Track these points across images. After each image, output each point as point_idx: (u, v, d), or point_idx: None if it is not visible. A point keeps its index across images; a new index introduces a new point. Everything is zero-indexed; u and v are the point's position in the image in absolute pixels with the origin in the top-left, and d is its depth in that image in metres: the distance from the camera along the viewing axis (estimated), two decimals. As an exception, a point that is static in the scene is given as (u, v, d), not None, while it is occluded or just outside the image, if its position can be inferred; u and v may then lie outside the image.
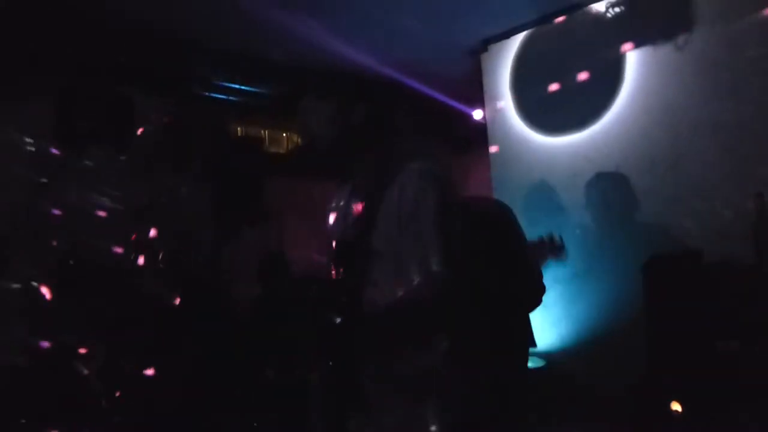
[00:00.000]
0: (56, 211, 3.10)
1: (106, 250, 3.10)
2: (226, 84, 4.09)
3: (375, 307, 1.62)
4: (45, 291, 3.02)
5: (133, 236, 3.08)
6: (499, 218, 2.55)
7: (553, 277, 2.67)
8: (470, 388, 1.68)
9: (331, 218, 1.90)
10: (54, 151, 2.95)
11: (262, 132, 4.62)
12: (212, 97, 4.06)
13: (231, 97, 4.15)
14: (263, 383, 2.91)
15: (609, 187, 3.35)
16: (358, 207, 1.76)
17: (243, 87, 4.12)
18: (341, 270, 1.73)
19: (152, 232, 3.11)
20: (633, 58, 3.37)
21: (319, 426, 1.78)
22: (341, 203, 1.87)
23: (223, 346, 2.89)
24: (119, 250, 3.12)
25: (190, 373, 2.85)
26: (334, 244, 1.81)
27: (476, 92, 4.29)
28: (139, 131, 3.29)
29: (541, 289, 2.54)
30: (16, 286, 3.00)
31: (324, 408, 1.74)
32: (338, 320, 1.63)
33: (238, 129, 4.47)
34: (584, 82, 3.53)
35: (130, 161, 3.21)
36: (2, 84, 3.33)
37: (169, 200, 3.22)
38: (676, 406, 2.69)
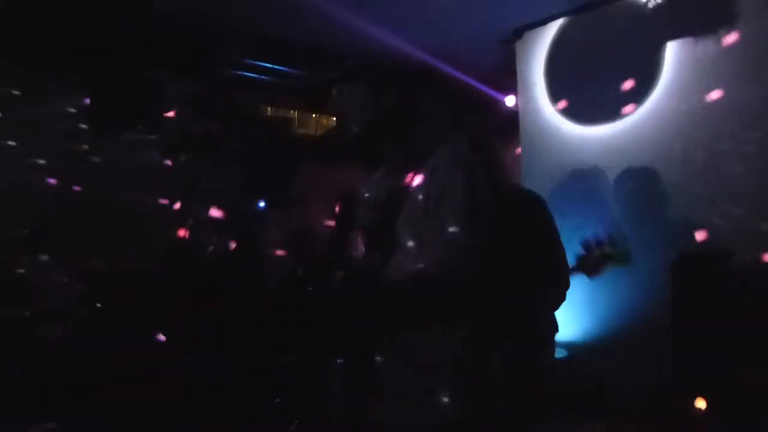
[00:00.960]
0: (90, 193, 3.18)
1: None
2: (257, 65, 4.12)
3: (399, 287, 1.64)
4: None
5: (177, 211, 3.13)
6: (532, 207, 2.55)
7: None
8: (488, 375, 1.71)
9: (362, 201, 1.93)
10: (88, 133, 3.01)
11: (293, 114, 4.64)
12: (243, 78, 4.08)
13: (262, 78, 4.17)
14: (285, 362, 2.95)
15: (640, 181, 3.31)
16: (389, 189, 1.79)
17: (275, 68, 4.15)
18: (370, 252, 1.76)
19: (190, 211, 3.17)
20: (671, 51, 3.30)
21: (338, 406, 1.81)
22: (373, 186, 1.89)
23: (252, 324, 2.94)
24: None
25: (219, 346, 2.92)
26: (363, 226, 1.84)
27: (509, 79, 4.25)
28: (170, 113, 3.34)
29: (567, 285, 2.54)
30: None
31: (343, 389, 1.78)
32: (362, 302, 1.66)
33: (269, 111, 4.50)
34: (620, 73, 3.47)
35: (161, 143, 3.27)
36: (35, 68, 3.41)
37: (202, 180, 3.26)
38: (700, 404, 2.68)
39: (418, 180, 1.70)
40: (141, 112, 3.02)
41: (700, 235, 2.95)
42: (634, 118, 3.42)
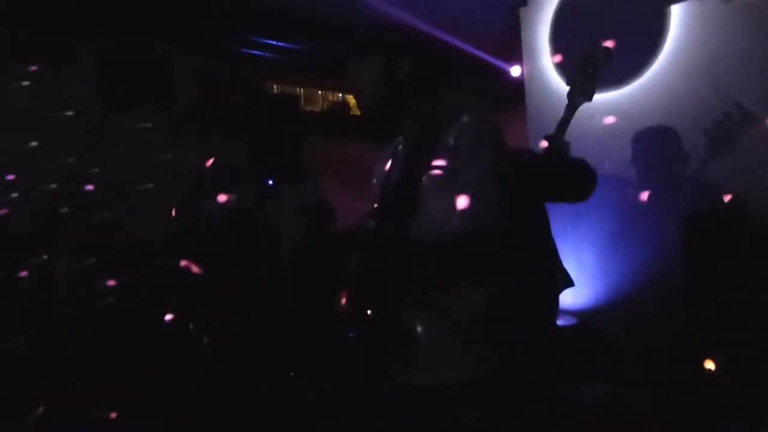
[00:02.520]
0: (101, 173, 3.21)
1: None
2: (265, 41, 4.10)
3: (424, 248, 1.66)
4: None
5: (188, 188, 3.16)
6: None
7: (589, 236, 2.65)
8: (516, 330, 1.73)
9: (380, 172, 1.94)
10: (100, 112, 3.03)
11: (300, 90, 4.64)
12: (251, 54, 4.07)
13: (270, 54, 4.16)
14: (308, 330, 2.99)
15: (649, 144, 3.28)
16: (409, 157, 1.80)
17: (282, 44, 4.13)
18: (389, 222, 1.78)
19: (201, 187, 3.19)
20: (678, 11, 3.26)
21: (360, 371, 1.85)
22: (390, 157, 1.91)
23: (270, 297, 2.97)
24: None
25: (238, 320, 2.95)
26: (381, 197, 1.85)
27: (515, 48, 4.21)
28: (179, 90, 3.34)
29: (591, 173, 2.46)
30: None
31: (368, 352, 1.80)
32: (383, 267, 1.68)
33: (277, 86, 4.49)
34: (626, 37, 3.43)
35: (171, 120, 3.28)
36: (45, 47, 3.42)
37: (212, 157, 3.28)
38: (709, 365, 2.69)
39: (441, 144, 1.72)
40: (151, 88, 3.03)
41: (712, 194, 2.93)
42: (642, 80, 3.38)
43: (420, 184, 1.71)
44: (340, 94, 4.89)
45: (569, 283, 2.55)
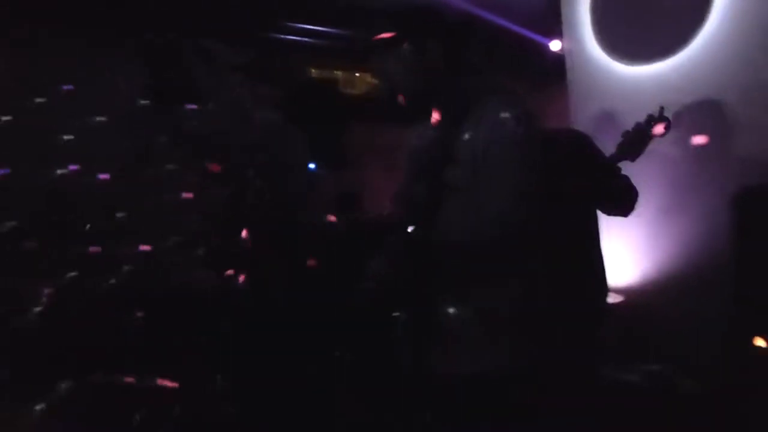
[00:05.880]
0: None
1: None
2: (301, 27, 4.11)
3: (455, 240, 1.66)
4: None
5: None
6: (579, 143, 2.52)
7: (636, 212, 2.61)
8: (549, 322, 1.72)
9: (412, 157, 1.93)
10: (145, 105, 3.09)
11: (338, 74, 4.64)
12: (289, 41, 4.09)
13: (306, 40, 4.17)
14: (346, 316, 3.02)
15: (697, 117, 3.19)
16: (440, 141, 1.79)
17: (317, 29, 4.13)
18: (421, 209, 1.78)
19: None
20: (726, -24, 3.13)
21: (403, 358, 1.86)
22: (421, 138, 1.89)
23: (307, 279, 3.00)
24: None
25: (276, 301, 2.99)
26: (413, 183, 1.85)
27: (554, 21, 4.12)
28: (220, 80, 3.38)
29: (634, 194, 2.49)
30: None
31: (407, 341, 1.82)
32: (417, 257, 1.68)
33: (314, 71, 4.50)
34: (671, 5, 3.32)
35: (213, 110, 3.32)
36: (86, 42, 3.50)
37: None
38: (759, 342, 2.64)
39: (469, 130, 1.70)
40: (194, 81, 3.07)
41: (763, 169, 2.84)
42: (688, 51, 3.27)
43: (450, 174, 1.70)
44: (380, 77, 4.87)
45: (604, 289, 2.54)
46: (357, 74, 4.68)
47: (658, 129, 2.54)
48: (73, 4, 3.55)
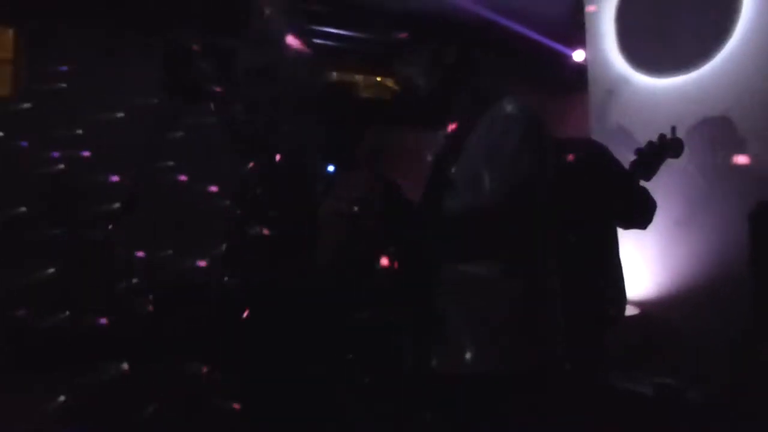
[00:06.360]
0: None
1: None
2: (319, 30, 4.15)
3: (461, 225, 1.68)
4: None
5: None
6: (596, 155, 2.52)
7: (653, 224, 2.60)
8: (550, 324, 1.73)
9: (430, 157, 1.96)
10: (166, 105, 3.14)
11: (356, 77, 4.67)
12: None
13: (325, 42, 4.21)
14: (353, 318, 3.03)
15: (716, 131, 3.17)
16: (450, 145, 1.81)
17: (335, 31, 4.16)
18: (431, 207, 1.79)
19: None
20: (751, -10, 3.12)
21: (406, 359, 1.87)
22: (439, 143, 1.92)
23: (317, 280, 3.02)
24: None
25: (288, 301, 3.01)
26: (426, 185, 1.87)
27: (577, 32, 4.11)
28: (239, 81, 3.42)
29: (652, 206, 2.48)
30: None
31: (409, 341, 1.83)
32: (423, 256, 1.70)
33: (332, 74, 4.54)
34: (695, 19, 3.30)
35: (234, 110, 3.37)
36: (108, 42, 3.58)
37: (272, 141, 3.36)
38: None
39: (476, 134, 1.72)
40: (213, 81, 3.11)
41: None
42: (710, 65, 3.25)
43: (462, 170, 1.72)
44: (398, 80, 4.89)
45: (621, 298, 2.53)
46: (376, 78, 4.71)
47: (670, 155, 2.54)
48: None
